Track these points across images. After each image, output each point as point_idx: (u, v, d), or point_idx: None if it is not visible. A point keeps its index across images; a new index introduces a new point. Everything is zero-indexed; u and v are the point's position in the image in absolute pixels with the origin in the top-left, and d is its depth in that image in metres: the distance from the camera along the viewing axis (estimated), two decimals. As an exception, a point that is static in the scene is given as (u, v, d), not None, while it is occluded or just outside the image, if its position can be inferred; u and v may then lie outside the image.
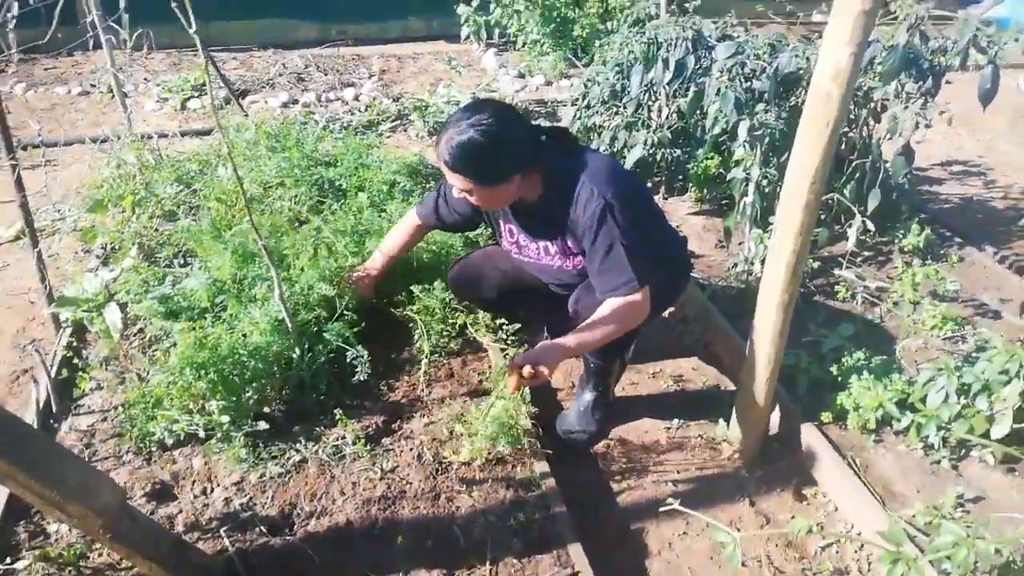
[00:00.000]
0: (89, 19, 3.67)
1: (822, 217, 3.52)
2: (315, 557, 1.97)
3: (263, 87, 5.97)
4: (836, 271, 3.34)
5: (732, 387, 2.77)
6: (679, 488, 2.37)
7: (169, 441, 2.29)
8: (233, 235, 2.81)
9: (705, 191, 3.92)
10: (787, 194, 1.98)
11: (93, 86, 5.93)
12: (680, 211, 3.98)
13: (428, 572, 1.93)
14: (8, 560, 1.91)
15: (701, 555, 2.15)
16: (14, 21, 2.95)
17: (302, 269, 2.71)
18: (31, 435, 1.53)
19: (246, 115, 4.03)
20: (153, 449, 2.31)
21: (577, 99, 3.78)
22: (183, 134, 4.52)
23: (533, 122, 2.34)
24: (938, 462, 2.32)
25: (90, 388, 2.57)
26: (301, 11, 7.21)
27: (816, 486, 2.36)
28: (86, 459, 2.28)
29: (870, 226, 3.13)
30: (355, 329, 2.57)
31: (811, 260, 3.32)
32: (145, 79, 6.09)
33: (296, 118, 4.58)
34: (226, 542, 1.99)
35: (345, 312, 2.57)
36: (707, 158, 3.70)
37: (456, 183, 2.13)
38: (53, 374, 2.58)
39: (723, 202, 3.96)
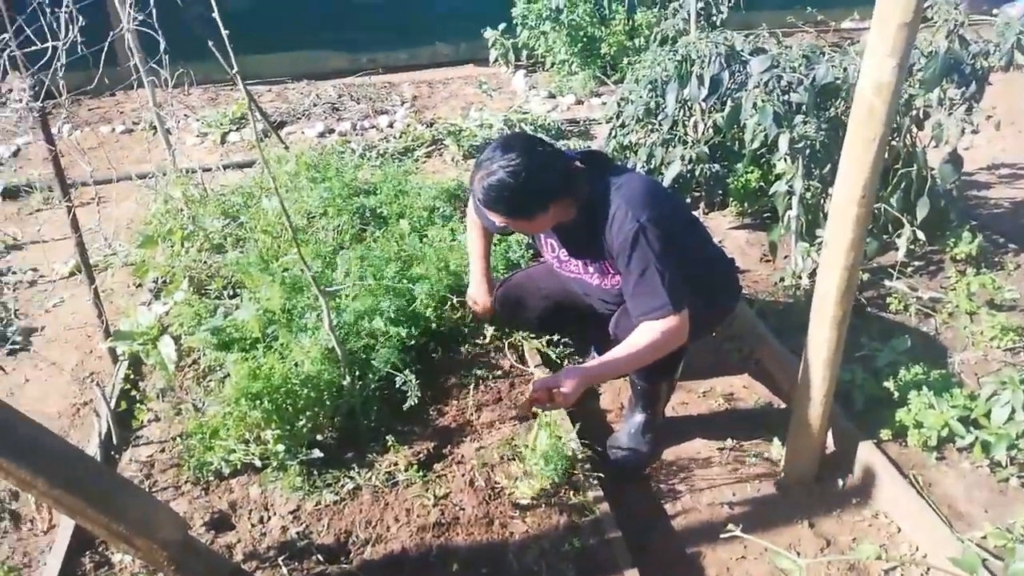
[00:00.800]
0: (132, 62, 3.79)
1: (870, 228, 3.46)
2: (372, 585, 1.97)
3: (299, 118, 6.08)
4: (887, 282, 3.27)
5: (783, 404, 2.73)
6: (735, 510, 2.33)
7: (226, 471, 2.33)
8: (280, 266, 2.86)
9: (746, 205, 3.89)
10: (836, 209, 1.95)
11: (136, 124, 6.10)
12: (722, 226, 3.95)
13: (485, 600, 1.92)
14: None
15: (811, 568, 2.10)
16: (63, 68, 3.05)
17: (354, 297, 2.75)
18: (98, 470, 1.57)
19: (286, 147, 4.10)
20: (211, 479, 2.34)
21: (611, 118, 3.78)
22: (225, 167, 4.62)
23: (564, 146, 2.36)
24: (1006, 480, 2.24)
25: (148, 419, 2.63)
26: (332, 42, 7.34)
27: (877, 506, 2.30)
28: (147, 489, 2.32)
29: (920, 235, 3.07)
30: (402, 355, 2.59)
31: (861, 272, 3.26)
32: (185, 115, 6.24)
33: (333, 147, 4.66)
34: (284, 571, 2.00)
35: (393, 338, 2.60)
36: (747, 172, 3.67)
37: (493, 218, 2.18)
38: (112, 406, 2.64)
39: (765, 216, 3.92)
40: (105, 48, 3.29)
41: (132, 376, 2.80)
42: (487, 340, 2.86)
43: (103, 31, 3.29)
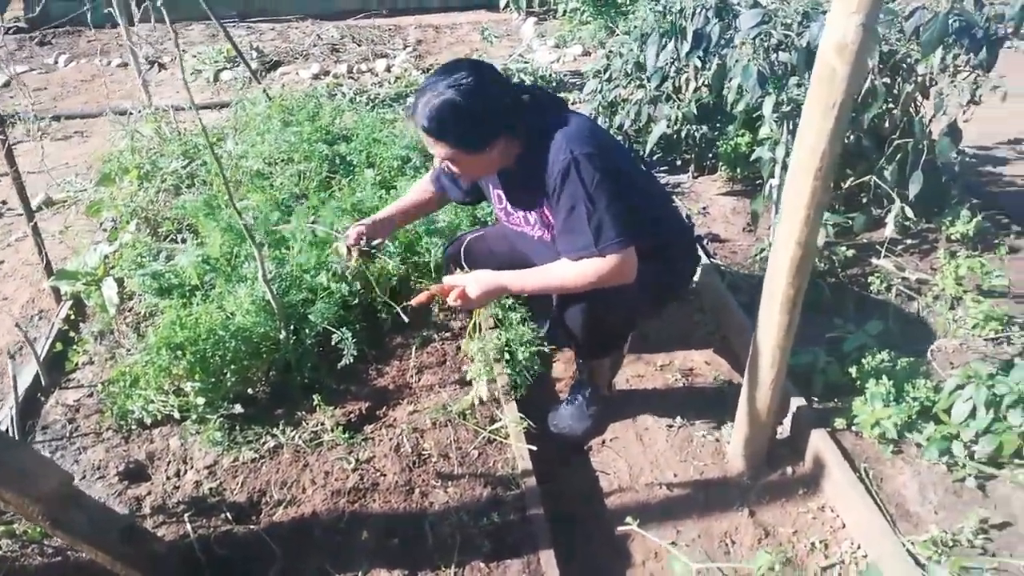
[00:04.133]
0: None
1: (862, 200, 3.27)
2: (276, 548, 1.90)
3: (297, 58, 5.92)
4: (874, 260, 3.09)
5: (744, 383, 2.59)
6: (673, 492, 2.22)
7: (148, 421, 2.26)
8: (227, 214, 2.75)
9: (737, 170, 3.69)
10: (791, 181, 1.78)
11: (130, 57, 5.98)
12: (710, 191, 3.76)
13: (389, 572, 1.84)
14: (-31, 538, 1.89)
15: (702, 571, 1.99)
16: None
17: (299, 251, 2.64)
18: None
19: (265, 91, 3.96)
20: (133, 427, 2.28)
21: (599, 71, 3.58)
22: (199, 108, 4.50)
23: (565, 98, 2.18)
24: (962, 480, 2.09)
25: (82, 363, 2.57)
26: (343, -20, 7.13)
27: (824, 499, 2.17)
28: (68, 434, 2.27)
29: (909, 212, 2.88)
30: (343, 312, 2.48)
31: (846, 248, 3.08)
32: (183, 51, 6.11)
33: (321, 90, 4.51)
34: (188, 528, 1.94)
35: (336, 293, 2.49)
36: (738, 135, 3.47)
37: (438, 151, 1.98)
38: (48, 347, 2.58)
39: (757, 182, 3.71)
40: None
41: (74, 317, 2.73)
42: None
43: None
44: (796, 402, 2.34)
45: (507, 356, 2.44)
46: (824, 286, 2.85)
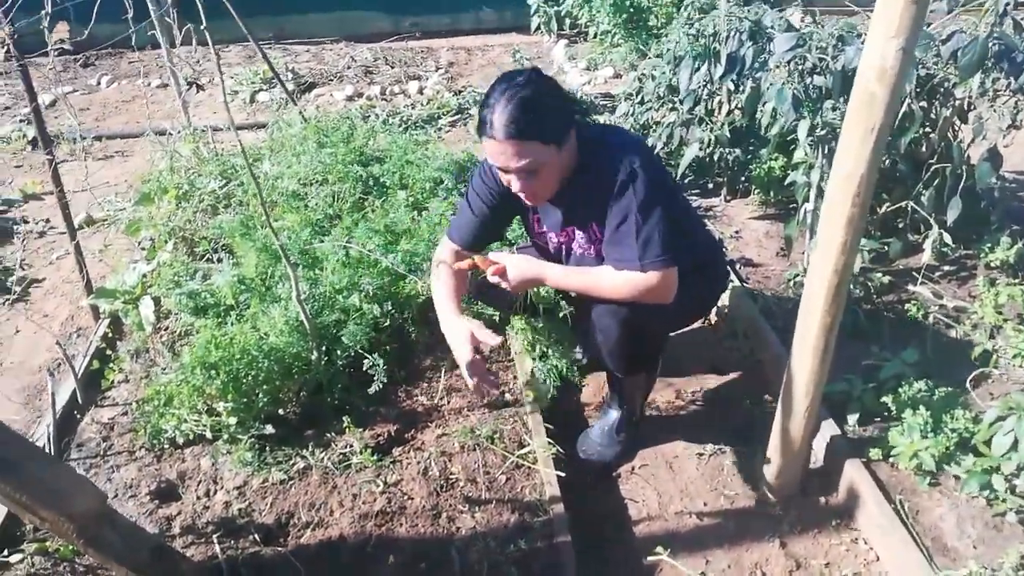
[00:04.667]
0: (157, 14, 3.74)
1: (898, 226, 3.22)
2: (303, 570, 1.90)
3: (331, 80, 6.01)
4: (910, 287, 3.03)
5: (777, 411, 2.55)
6: (703, 521, 2.19)
7: (180, 440, 2.29)
8: (263, 234, 2.79)
9: (771, 194, 3.65)
10: (828, 207, 1.77)
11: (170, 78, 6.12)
12: (743, 215, 3.72)
13: (415, 598, 1.84)
14: (5, 552, 1.92)
15: None
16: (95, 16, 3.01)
17: (333, 271, 2.67)
18: (5, 436, 1.52)
19: (301, 113, 4.03)
20: (165, 446, 2.31)
21: (631, 94, 3.58)
22: (238, 128, 4.57)
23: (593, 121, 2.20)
24: (1002, 514, 2.03)
25: (118, 380, 2.61)
26: (376, 3, 7.24)
27: (857, 530, 2.12)
28: (102, 452, 2.31)
29: (947, 238, 2.82)
30: (374, 333, 2.50)
31: (882, 274, 3.03)
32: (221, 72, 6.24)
33: (355, 112, 4.57)
34: (217, 549, 1.95)
35: (368, 314, 2.51)
36: (771, 159, 3.44)
37: (525, 161, 1.87)
38: (86, 364, 2.63)
39: (790, 207, 3.67)
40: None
41: (112, 335, 2.79)
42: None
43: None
44: (830, 431, 2.29)
45: (540, 351, 2.44)
46: (859, 312, 2.80)
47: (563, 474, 2.17)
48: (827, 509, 2.20)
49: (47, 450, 2.25)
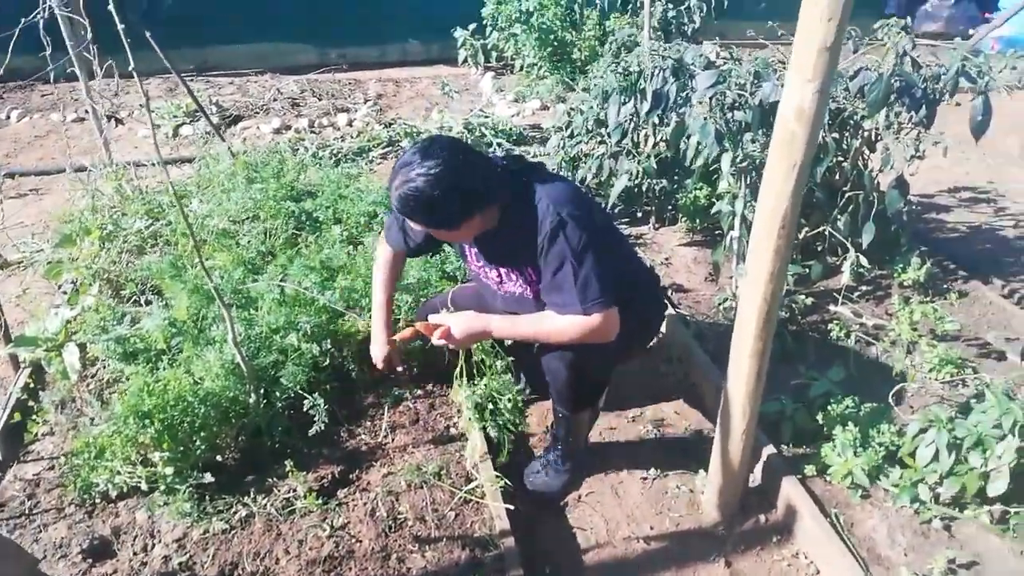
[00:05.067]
0: (76, 50, 3.63)
1: (817, 249, 3.39)
2: (250, 625, 1.85)
3: (257, 112, 5.93)
4: (831, 307, 3.19)
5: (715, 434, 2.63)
6: (650, 545, 2.23)
7: (113, 493, 2.19)
8: (195, 274, 2.72)
9: (697, 222, 3.79)
10: (756, 239, 1.85)
11: (88, 112, 5.92)
12: (671, 242, 3.85)
13: (369, 644, 1.80)
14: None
15: None
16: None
17: (269, 311, 2.62)
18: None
19: (228, 147, 3.96)
20: (97, 501, 2.20)
21: (561, 127, 3.67)
22: (159, 163, 4.46)
23: (524, 152, 2.23)
24: (929, 522, 2.15)
25: (42, 433, 2.49)
26: (301, 35, 7.20)
27: (797, 545, 2.20)
28: (27, 511, 2.19)
29: (864, 261, 2.99)
30: (314, 373, 2.47)
31: (804, 296, 3.18)
32: (140, 105, 6.07)
33: (284, 146, 4.52)
34: (158, 607, 1.87)
35: (307, 354, 2.48)
36: (695, 188, 3.58)
37: (413, 225, 2.05)
38: (5, 417, 2.50)
39: (716, 233, 3.82)
40: (41, 33, 3.18)
41: (33, 385, 2.65)
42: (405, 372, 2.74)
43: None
44: (767, 450, 2.38)
45: (490, 408, 2.44)
46: (786, 334, 2.92)
47: (512, 507, 2.18)
48: (767, 526, 2.27)
49: (-34, 512, 2.12)
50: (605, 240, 2.04)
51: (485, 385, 2.38)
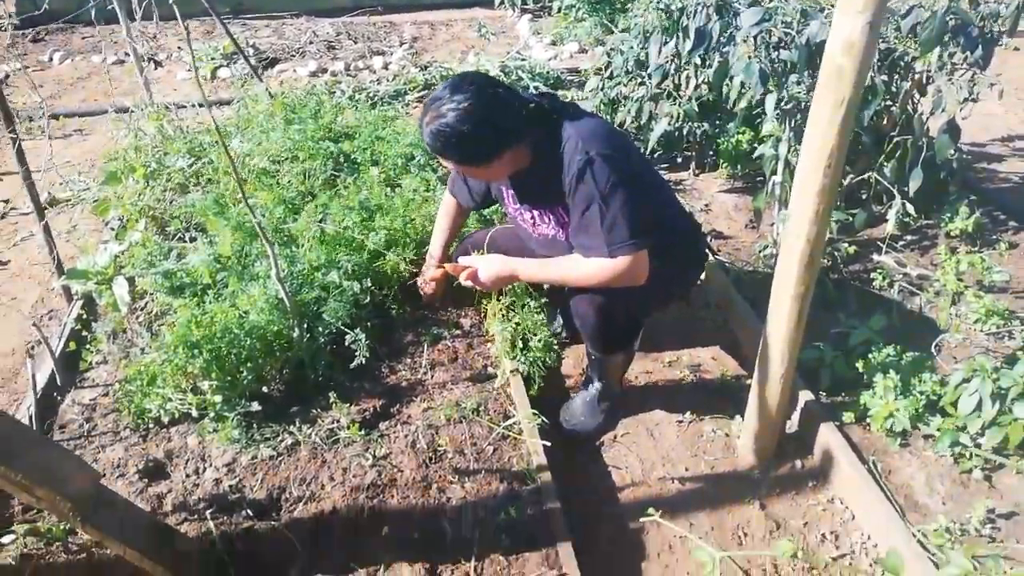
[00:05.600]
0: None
1: (862, 197, 3.32)
2: (297, 544, 1.92)
3: (293, 55, 5.91)
4: (875, 256, 3.14)
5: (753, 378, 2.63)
6: (685, 486, 2.26)
7: (165, 419, 2.27)
8: (239, 211, 2.76)
9: (739, 167, 3.73)
10: (800, 178, 1.82)
11: (128, 55, 5.95)
12: (711, 188, 3.79)
13: (410, 566, 1.87)
14: (-3, 533, 1.91)
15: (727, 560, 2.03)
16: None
17: (310, 249, 2.66)
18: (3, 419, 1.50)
19: (267, 88, 3.97)
20: (150, 426, 2.29)
21: (600, 69, 3.60)
22: (202, 105, 4.49)
23: (563, 96, 2.21)
24: (969, 472, 2.14)
25: (96, 361, 2.57)
26: (337, -23, 7.10)
27: (833, 491, 2.22)
28: (86, 433, 2.28)
29: (910, 209, 2.92)
30: (355, 310, 2.51)
31: (848, 244, 3.13)
32: (178, 47, 6.09)
33: (320, 88, 4.51)
34: (211, 524, 1.95)
35: (348, 291, 2.51)
36: (739, 132, 3.51)
37: (448, 164, 2.05)
38: (62, 346, 2.59)
39: (758, 179, 3.76)
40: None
41: (86, 316, 2.74)
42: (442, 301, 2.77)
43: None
44: (804, 396, 2.38)
45: (521, 346, 2.48)
46: (828, 282, 2.89)
47: (548, 443, 2.21)
48: (803, 472, 2.29)
49: (27, 433, 2.22)
50: (639, 182, 2.02)
51: (517, 323, 2.40)
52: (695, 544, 1.65)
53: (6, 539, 1.88)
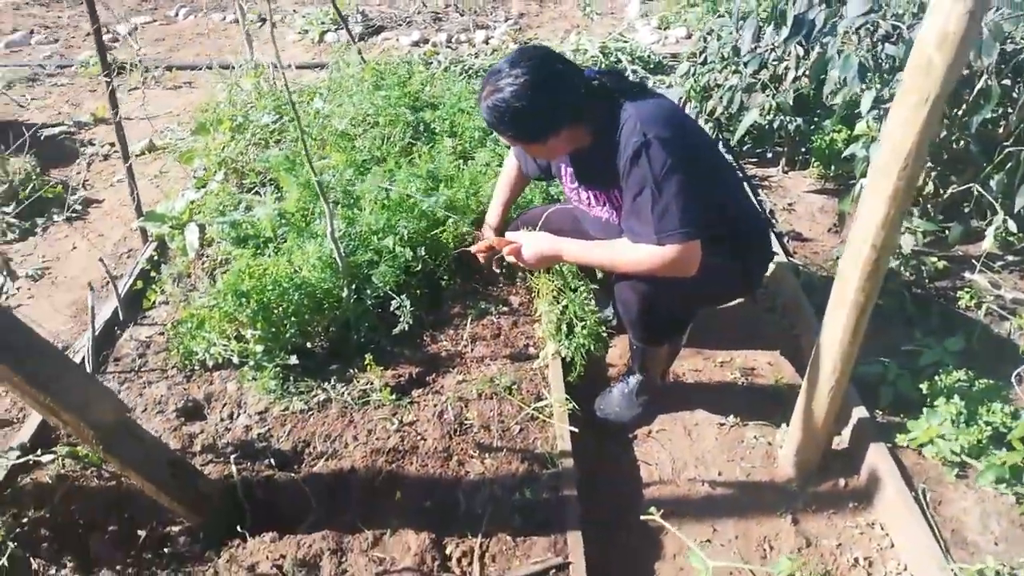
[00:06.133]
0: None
1: (963, 210, 3.05)
2: (312, 498, 1.96)
3: (399, 24, 6.00)
4: (966, 274, 2.88)
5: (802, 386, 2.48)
6: (715, 491, 2.16)
7: (209, 363, 2.36)
8: (306, 170, 2.82)
9: (832, 168, 3.50)
10: (873, 179, 1.68)
11: (237, 12, 6.20)
12: (799, 187, 3.59)
13: (416, 534, 1.87)
14: (39, 451, 2.04)
15: (722, 570, 1.94)
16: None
17: (371, 212, 2.69)
18: (37, 343, 1.59)
19: (359, 52, 4.04)
20: (195, 368, 2.39)
21: (694, 54, 3.45)
22: (301, 66, 4.63)
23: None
24: (1030, 514, 1.95)
25: (159, 301, 2.71)
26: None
27: (875, 515, 2.06)
28: (135, 369, 2.41)
29: (1013, 227, 2.66)
30: (405, 276, 2.52)
31: (937, 259, 2.89)
32: (293, 10, 6.29)
33: (418, 58, 4.56)
34: (233, 469, 2.02)
35: (400, 257, 2.53)
36: (834, 130, 3.29)
37: (504, 139, 2.01)
38: (130, 284, 2.74)
39: (851, 182, 3.51)
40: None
41: (157, 258, 2.88)
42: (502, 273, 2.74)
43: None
44: (858, 412, 2.22)
45: (566, 330, 2.43)
46: (907, 296, 2.68)
47: (576, 429, 2.16)
48: (846, 491, 2.14)
49: (86, 361, 2.36)
50: (699, 169, 1.90)
51: (565, 306, 2.35)
52: (691, 549, 1.57)
53: (46, 458, 2.01)
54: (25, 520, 1.88)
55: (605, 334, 2.54)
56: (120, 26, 6.00)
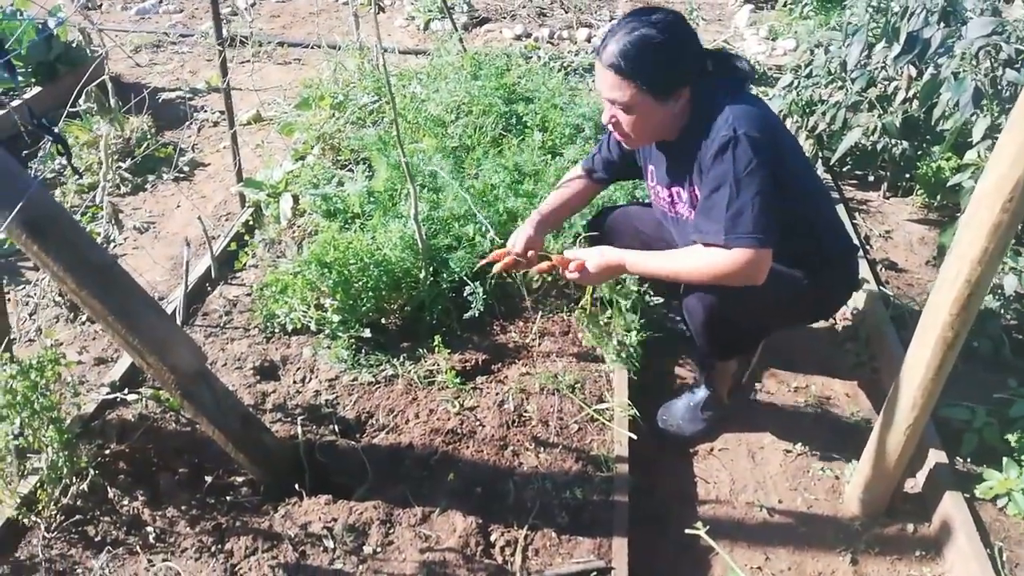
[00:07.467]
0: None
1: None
2: (369, 468, 2.01)
3: (504, 17, 6.03)
4: (1080, 322, 2.69)
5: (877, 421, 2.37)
6: (773, 518, 2.10)
7: (289, 327, 2.46)
8: (397, 152, 2.89)
9: (937, 197, 3.33)
10: (972, 210, 1.60)
11: (357, -2, 6.37)
12: (900, 215, 3.42)
13: (464, 517, 1.89)
14: (126, 391, 2.16)
15: None
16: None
17: (454, 198, 2.73)
18: (129, 285, 1.69)
19: (460, 40, 4.10)
20: (275, 330, 2.49)
21: (799, 66, 3.34)
22: (405, 52, 4.73)
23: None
24: (1118, 589, 1.81)
25: (249, 264, 2.83)
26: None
27: (943, 568, 1.96)
28: (221, 326, 2.53)
29: None
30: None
31: (1044, 303, 2.71)
32: (405, -4, 6.43)
33: (518, 51, 4.58)
34: (298, 431, 2.09)
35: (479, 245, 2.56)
36: (943, 157, 3.12)
37: (620, 95, 1.84)
38: (225, 245, 2.87)
39: (957, 214, 3.33)
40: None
41: (252, 223, 3.01)
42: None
43: None
44: (936, 456, 2.12)
45: (616, 343, 2.39)
46: (1006, 340, 2.52)
47: (635, 436, 2.14)
48: (913, 537, 2.04)
49: (177, 313, 2.49)
50: (784, 176, 1.83)
51: (609, 318, 2.33)
52: (732, 568, 1.53)
53: (131, 397, 2.13)
54: (108, 452, 2.00)
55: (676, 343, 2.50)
56: (240, 1, 6.27)
